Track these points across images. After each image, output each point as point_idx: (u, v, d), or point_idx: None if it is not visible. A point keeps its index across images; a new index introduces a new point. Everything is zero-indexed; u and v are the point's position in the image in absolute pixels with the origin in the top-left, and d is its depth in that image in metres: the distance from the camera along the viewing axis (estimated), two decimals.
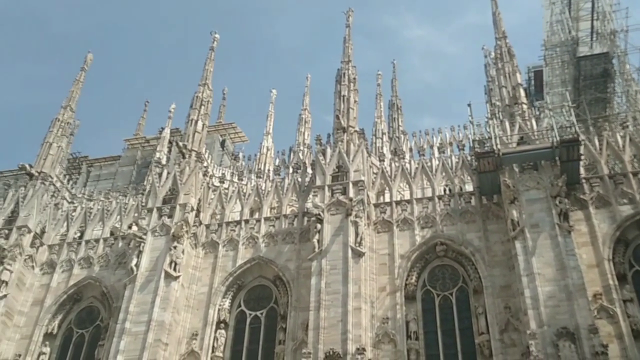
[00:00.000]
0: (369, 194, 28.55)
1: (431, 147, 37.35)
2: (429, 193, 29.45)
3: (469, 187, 29.15)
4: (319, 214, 27.16)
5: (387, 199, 29.48)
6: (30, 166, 33.28)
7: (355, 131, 30.77)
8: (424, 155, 33.71)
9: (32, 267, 30.23)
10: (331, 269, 25.52)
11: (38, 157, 33.94)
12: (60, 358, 28.27)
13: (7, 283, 28.40)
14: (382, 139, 41.01)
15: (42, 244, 31.00)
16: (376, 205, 28.91)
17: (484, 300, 24.82)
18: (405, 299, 25.89)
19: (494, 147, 26.76)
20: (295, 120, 47.24)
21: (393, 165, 31.55)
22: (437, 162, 31.55)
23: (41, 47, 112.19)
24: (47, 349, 28.09)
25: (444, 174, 30.31)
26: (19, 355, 27.70)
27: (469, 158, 30.34)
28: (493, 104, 32.23)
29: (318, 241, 26.51)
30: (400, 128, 44.99)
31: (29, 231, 30.40)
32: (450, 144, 36.74)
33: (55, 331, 28.69)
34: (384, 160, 32.02)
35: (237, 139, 47.95)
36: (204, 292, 28.00)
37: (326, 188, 28.27)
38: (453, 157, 32.13)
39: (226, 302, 27.82)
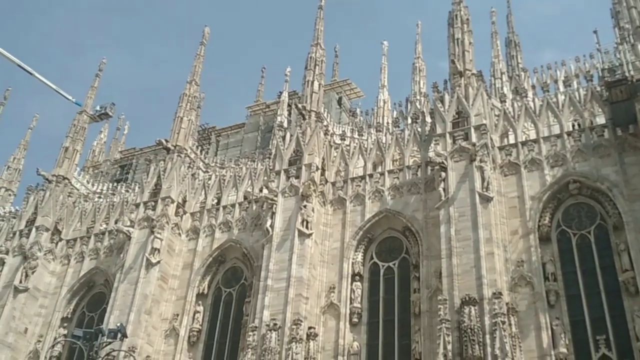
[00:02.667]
0: (492, 137, 27.94)
1: (555, 81, 35.47)
2: (556, 130, 28.30)
3: (601, 120, 27.68)
4: (442, 162, 27.05)
5: (512, 141, 28.71)
6: (166, 141, 35.67)
7: (473, 74, 29.99)
8: (548, 91, 32.25)
9: (179, 234, 32.79)
10: (460, 216, 25.49)
11: (172, 132, 36.27)
12: (213, 315, 30.74)
13: (159, 250, 31.06)
14: (501, 79, 39.51)
15: (185, 212, 33.47)
16: (501, 148, 28.28)
17: (626, 237, 23.84)
18: (540, 241, 25.41)
19: (626, 73, 25.14)
20: (409, 70, 46.58)
21: (515, 105, 30.51)
22: (563, 96, 30.07)
23: (162, 28, 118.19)
24: (200, 308, 30.65)
25: (571, 108, 28.91)
26: (177, 315, 30.46)
27: (598, 89, 28.70)
28: (622, 28, 29.91)
29: (444, 189, 26.50)
30: (520, 65, 43.00)
31: (172, 201, 32.87)
32: (577, 76, 34.67)
33: (205, 291, 31.16)
34: (505, 101, 31.04)
35: (353, 95, 48.22)
36: (336, 247, 29.06)
37: (447, 135, 28.00)
38: (580, 90, 30.43)
39: (359, 256, 28.72)
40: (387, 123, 38.24)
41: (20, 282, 33.20)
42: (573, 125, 28.53)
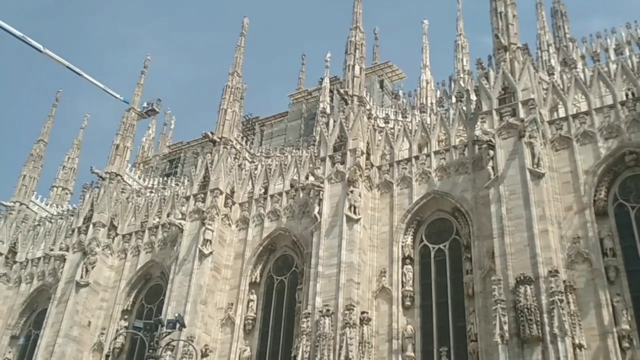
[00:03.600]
0: (541, 111, 27.19)
1: (606, 50, 34.20)
2: (609, 101, 27.32)
3: None
4: (490, 140, 26.49)
5: (562, 114, 27.88)
6: (212, 133, 36.10)
7: (518, 48, 29.16)
8: (598, 60, 31.04)
9: (229, 224, 33.25)
10: (510, 194, 24.96)
11: (217, 124, 36.65)
12: (266, 303, 31.14)
13: (210, 241, 31.59)
14: (548, 51, 38.42)
15: (233, 203, 33.90)
16: (551, 123, 27.51)
17: None
18: (596, 216, 24.72)
19: None
20: (451, 49, 45.77)
21: (564, 77, 29.56)
22: (614, 65, 28.94)
23: (203, 21, 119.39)
24: (254, 296, 31.08)
25: (624, 77, 27.82)
26: (232, 304, 30.97)
27: None
28: None
29: (492, 168, 25.98)
30: (567, 36, 41.65)
31: (221, 192, 33.32)
32: (628, 43, 33.34)
33: (258, 280, 31.56)
34: (553, 74, 30.10)
35: (394, 78, 47.72)
36: (385, 231, 28.93)
37: (494, 112, 27.39)
38: (633, 57, 29.24)
39: (408, 239, 28.53)
40: (431, 103, 37.75)
41: (81, 277, 34.32)
42: (627, 95, 27.45)
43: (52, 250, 38.05)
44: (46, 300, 36.70)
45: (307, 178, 32.40)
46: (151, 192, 39.45)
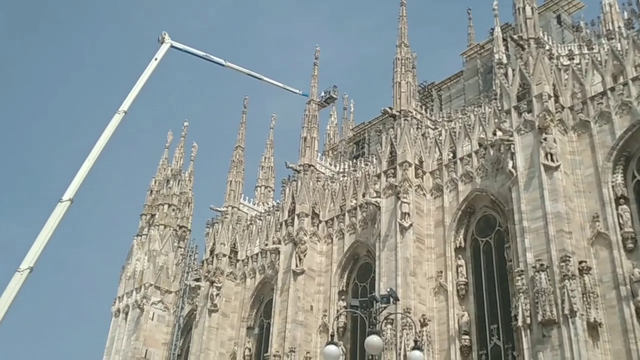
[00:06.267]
0: None
1: None
2: None
3: None
4: None
5: None
6: (390, 108, 36.43)
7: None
8: None
9: (423, 194, 33.40)
10: None
11: (394, 98, 36.90)
12: (475, 266, 30.85)
13: (408, 214, 32.01)
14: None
15: (424, 173, 33.96)
16: None
17: None
18: None
19: None
20: None
21: None
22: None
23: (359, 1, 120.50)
24: (461, 261, 30.95)
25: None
26: (441, 272, 31.15)
27: None
28: None
29: None
30: None
31: (410, 165, 33.55)
32: None
33: (462, 244, 31.33)
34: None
35: (572, 9, 44.05)
36: (590, 174, 27.17)
37: None
38: None
39: (618, 177, 26.48)
40: (619, 27, 34.35)
41: (296, 265, 36.83)
42: None
43: (266, 245, 41.33)
44: (270, 291, 39.97)
45: (494, 134, 31.38)
46: (343, 176, 40.93)
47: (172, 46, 44.72)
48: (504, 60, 37.26)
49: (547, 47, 31.71)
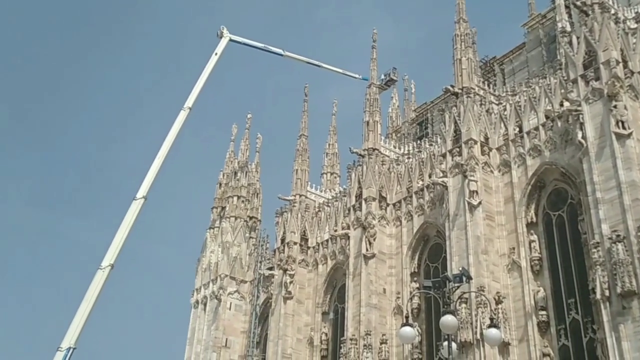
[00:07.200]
0: None
1: None
2: None
3: None
4: None
5: None
6: (452, 86, 36.00)
7: None
8: None
9: (491, 171, 32.98)
10: None
11: (455, 76, 36.42)
12: (549, 241, 30.31)
13: (476, 192, 31.70)
14: None
15: (490, 149, 33.50)
16: None
17: None
18: None
19: None
20: None
21: None
22: None
23: None
24: (534, 237, 30.48)
25: None
26: (513, 248, 30.78)
27: None
28: None
29: None
30: None
31: (475, 142, 33.15)
32: None
33: (534, 219, 30.83)
34: None
35: None
36: None
37: None
38: None
39: None
40: None
41: (367, 249, 37.15)
42: None
43: (335, 230, 41.85)
44: (342, 276, 40.52)
45: (561, 105, 30.60)
46: (408, 157, 40.84)
47: (231, 40, 45.64)
48: (568, 29, 36.13)
49: (613, 11, 30.53)
